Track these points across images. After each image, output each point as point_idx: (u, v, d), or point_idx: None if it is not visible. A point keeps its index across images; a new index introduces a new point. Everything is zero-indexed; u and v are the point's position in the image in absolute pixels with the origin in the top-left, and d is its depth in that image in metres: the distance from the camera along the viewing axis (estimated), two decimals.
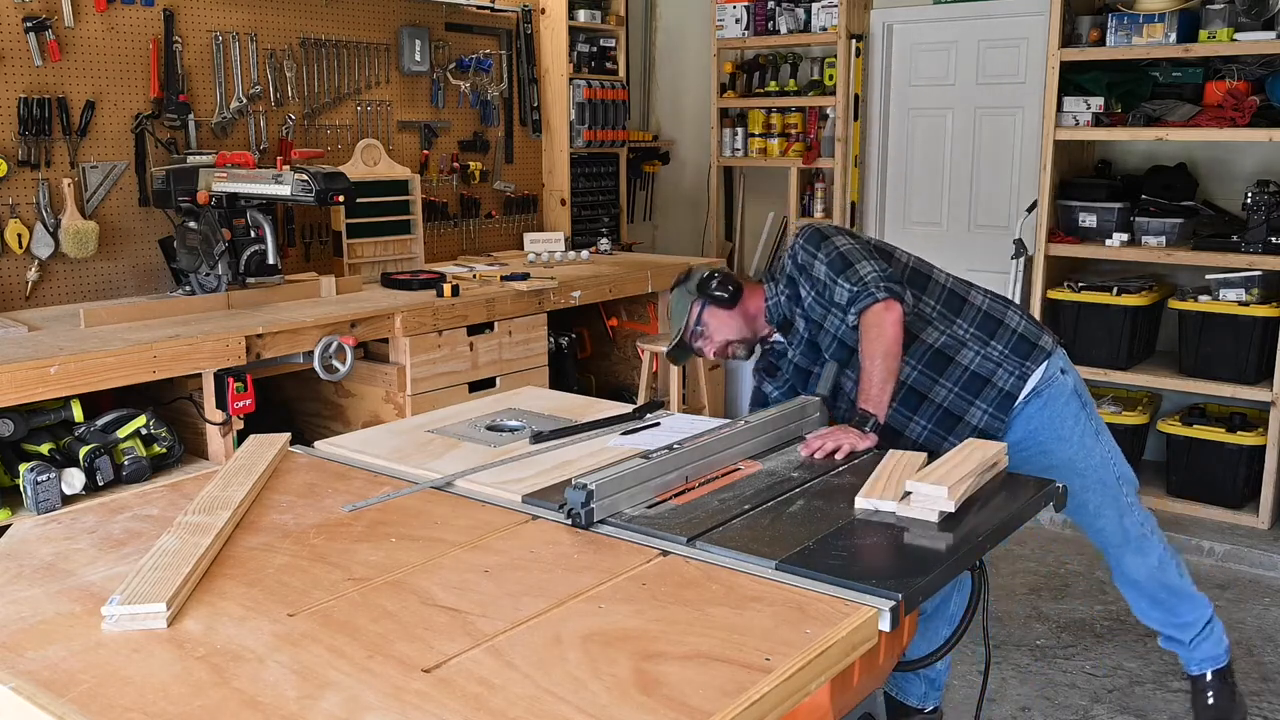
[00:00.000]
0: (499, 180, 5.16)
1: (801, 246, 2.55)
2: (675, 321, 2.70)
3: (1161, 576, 2.77)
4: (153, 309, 3.41)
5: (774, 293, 2.66)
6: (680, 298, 2.69)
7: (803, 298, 2.57)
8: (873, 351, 2.37)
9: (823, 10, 5.60)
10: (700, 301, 2.63)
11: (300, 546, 1.78)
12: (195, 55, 3.93)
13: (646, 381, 4.60)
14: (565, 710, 1.26)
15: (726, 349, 2.69)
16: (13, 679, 1.35)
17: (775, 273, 2.68)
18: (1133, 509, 2.71)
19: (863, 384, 2.38)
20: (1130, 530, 2.71)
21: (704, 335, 2.66)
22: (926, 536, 1.81)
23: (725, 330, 2.66)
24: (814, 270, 2.51)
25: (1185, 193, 4.65)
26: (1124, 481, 2.70)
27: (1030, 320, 2.65)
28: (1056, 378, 2.59)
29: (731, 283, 2.63)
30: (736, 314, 2.65)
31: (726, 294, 2.61)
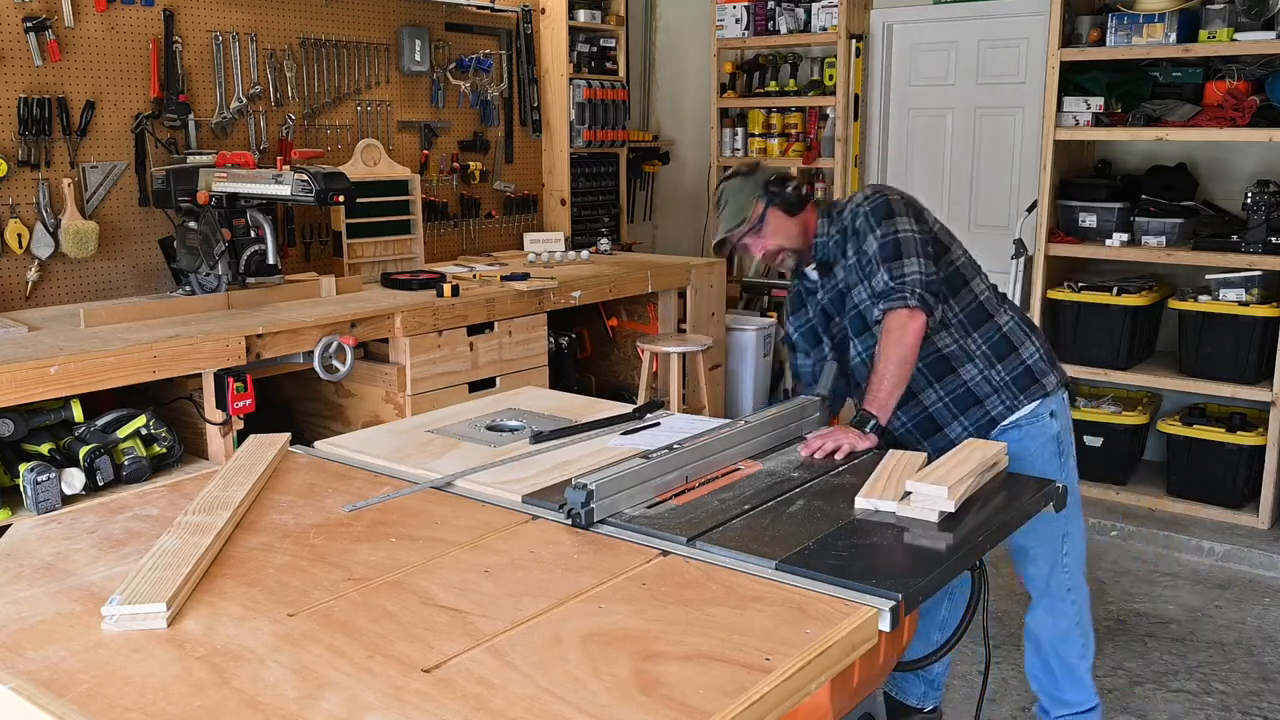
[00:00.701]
0: (499, 180, 5.16)
1: (866, 213, 2.47)
2: (728, 212, 2.57)
3: (1061, 646, 2.68)
4: (153, 309, 3.41)
5: (825, 231, 2.59)
6: (741, 189, 2.56)
7: (847, 255, 2.53)
8: (888, 355, 2.35)
9: (823, 10, 5.61)
10: (766, 199, 2.53)
11: (300, 546, 1.78)
12: (195, 55, 3.93)
13: (646, 381, 4.60)
14: (565, 710, 1.26)
15: (777, 255, 2.60)
16: (13, 679, 1.35)
17: (832, 211, 2.60)
18: (1066, 571, 2.63)
19: (872, 384, 2.37)
20: (1053, 587, 2.64)
21: (760, 234, 2.56)
22: (926, 536, 1.81)
23: (782, 236, 2.56)
24: (865, 242, 2.46)
25: (1185, 193, 4.65)
26: (1069, 541, 2.62)
27: (1045, 356, 2.59)
28: (1043, 419, 2.54)
29: (803, 189, 2.55)
30: (797, 223, 2.57)
31: (797, 199, 2.54)
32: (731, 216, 2.57)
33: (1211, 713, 3.13)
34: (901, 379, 2.36)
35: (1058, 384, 2.58)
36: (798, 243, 2.58)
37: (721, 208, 2.61)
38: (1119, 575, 4.12)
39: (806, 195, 2.56)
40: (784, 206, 2.53)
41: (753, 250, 2.61)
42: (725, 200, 2.60)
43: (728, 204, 2.59)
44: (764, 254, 2.59)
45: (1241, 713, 3.13)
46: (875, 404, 2.34)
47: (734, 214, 2.56)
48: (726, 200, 2.59)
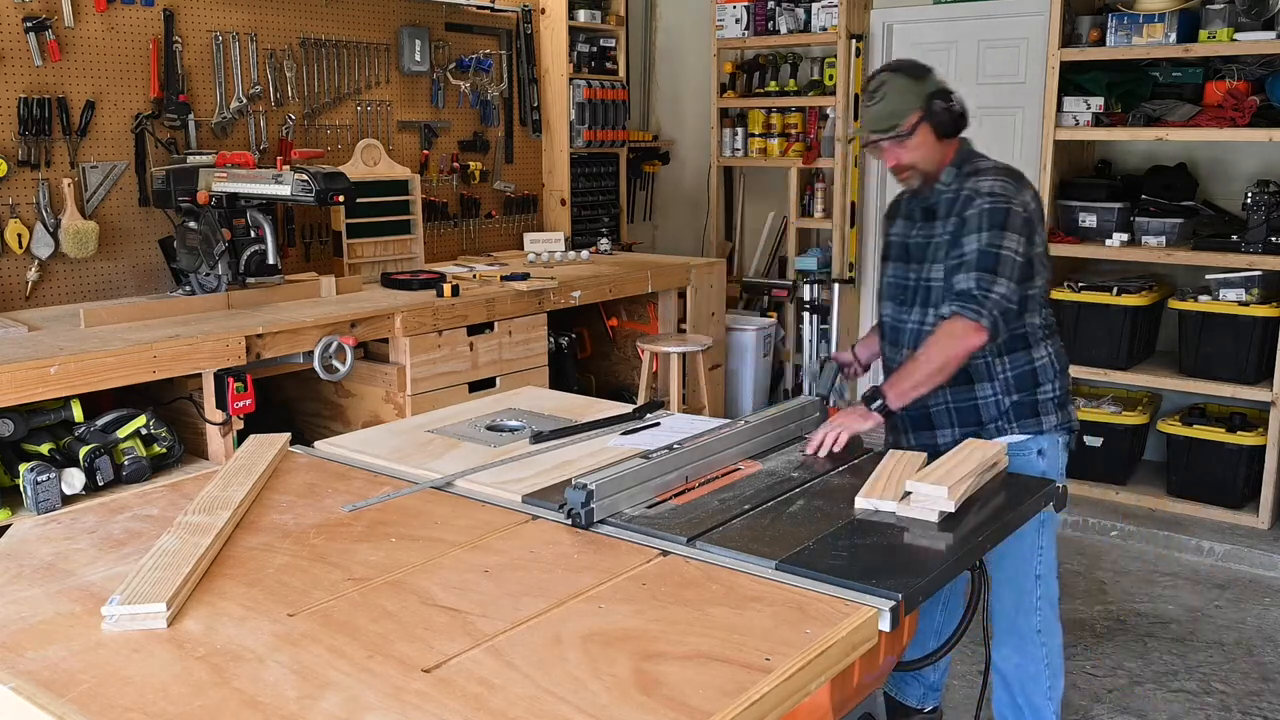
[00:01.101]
0: (499, 180, 5.16)
1: (985, 210, 2.37)
2: (880, 110, 2.43)
3: (1029, 685, 2.60)
4: (153, 309, 3.41)
5: (948, 180, 2.48)
6: (904, 92, 2.42)
7: (947, 222, 2.44)
8: (933, 356, 2.32)
9: (823, 10, 5.61)
10: (925, 112, 2.41)
11: (300, 546, 1.78)
12: (195, 55, 3.93)
13: (646, 381, 4.60)
14: (565, 710, 1.26)
15: (907, 170, 2.48)
16: (13, 679, 1.35)
17: (964, 164, 2.49)
18: (1037, 613, 2.56)
19: (902, 370, 2.34)
20: (1022, 626, 2.56)
21: (902, 144, 2.43)
22: (926, 536, 1.82)
23: (922, 155, 2.45)
24: (967, 236, 2.37)
25: (1185, 193, 4.65)
26: (1043, 584, 2.55)
27: (1057, 399, 2.53)
28: (1028, 454, 2.48)
29: (962, 113, 2.45)
30: (940, 148, 2.46)
31: (952, 124, 2.43)
32: (884, 118, 2.43)
33: (1211, 713, 3.13)
34: (932, 383, 2.33)
35: (1056, 426, 2.52)
36: (933, 167, 2.48)
37: (874, 100, 2.45)
38: (1119, 575, 4.12)
39: (962, 120, 2.45)
40: (937, 127, 2.42)
41: (886, 157, 2.49)
42: (882, 95, 2.44)
43: (883, 100, 2.43)
44: (895, 164, 2.48)
45: (1241, 713, 3.13)
46: (894, 390, 2.32)
47: (887, 116, 2.43)
48: (884, 96, 2.43)
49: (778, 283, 5.90)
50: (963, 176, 2.47)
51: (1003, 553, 2.45)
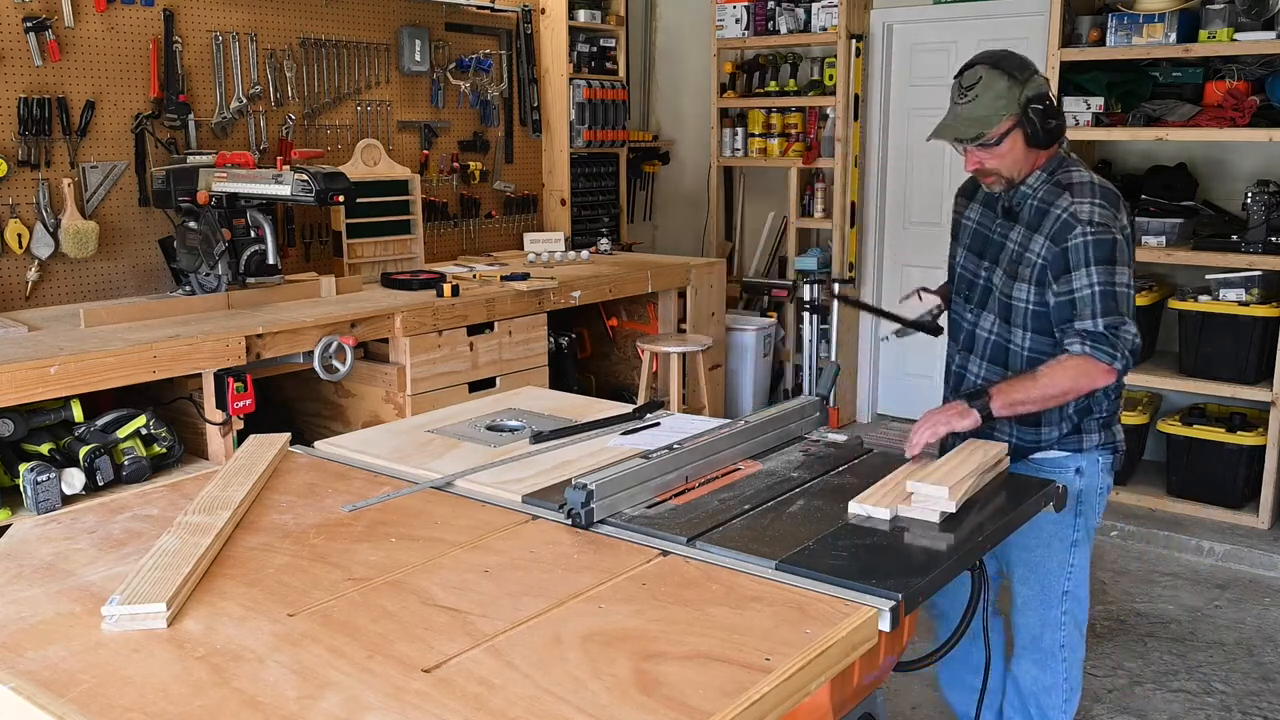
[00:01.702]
0: (499, 180, 5.16)
1: (1090, 240, 2.21)
2: (972, 111, 2.25)
3: (1045, 699, 2.51)
4: (153, 309, 3.41)
5: (1036, 183, 2.33)
6: (1000, 94, 2.23)
7: (1037, 234, 2.29)
8: (1056, 383, 2.20)
9: (823, 10, 5.61)
10: (1018, 120, 2.24)
11: (300, 546, 1.78)
12: (195, 55, 3.93)
13: (646, 381, 4.60)
14: (565, 710, 1.26)
15: (990, 175, 2.34)
16: (13, 679, 1.35)
17: (1058, 168, 2.33)
18: (1062, 629, 2.47)
19: (1019, 384, 2.22)
20: (1045, 642, 2.48)
21: (989, 149, 2.28)
22: (927, 536, 1.81)
23: (1009, 162, 2.30)
24: (1075, 269, 2.22)
25: (1185, 193, 4.65)
26: (1070, 600, 2.45)
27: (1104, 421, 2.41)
28: (1065, 471, 2.38)
29: (1060, 126, 2.29)
30: (1031, 156, 2.30)
31: (1047, 135, 2.27)
32: (972, 121, 2.26)
33: (1211, 713, 3.13)
34: (1045, 406, 2.25)
35: (1099, 445, 2.41)
36: (1019, 174, 2.33)
37: (965, 97, 2.28)
38: (1119, 575, 4.12)
39: (1059, 130, 2.29)
40: (1030, 136, 2.26)
41: (969, 159, 2.33)
42: (976, 94, 2.26)
43: (976, 99, 2.25)
44: (977, 167, 2.34)
45: (1241, 713, 3.13)
46: (1002, 399, 2.20)
47: (977, 120, 2.25)
48: (977, 95, 2.25)
49: (778, 283, 5.90)
50: (1055, 188, 2.31)
51: (1031, 567, 2.43)
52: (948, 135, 2.31)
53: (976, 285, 2.48)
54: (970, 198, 2.57)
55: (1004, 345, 2.42)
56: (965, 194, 2.60)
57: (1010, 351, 2.41)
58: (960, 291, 2.54)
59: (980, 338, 2.47)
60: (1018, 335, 2.39)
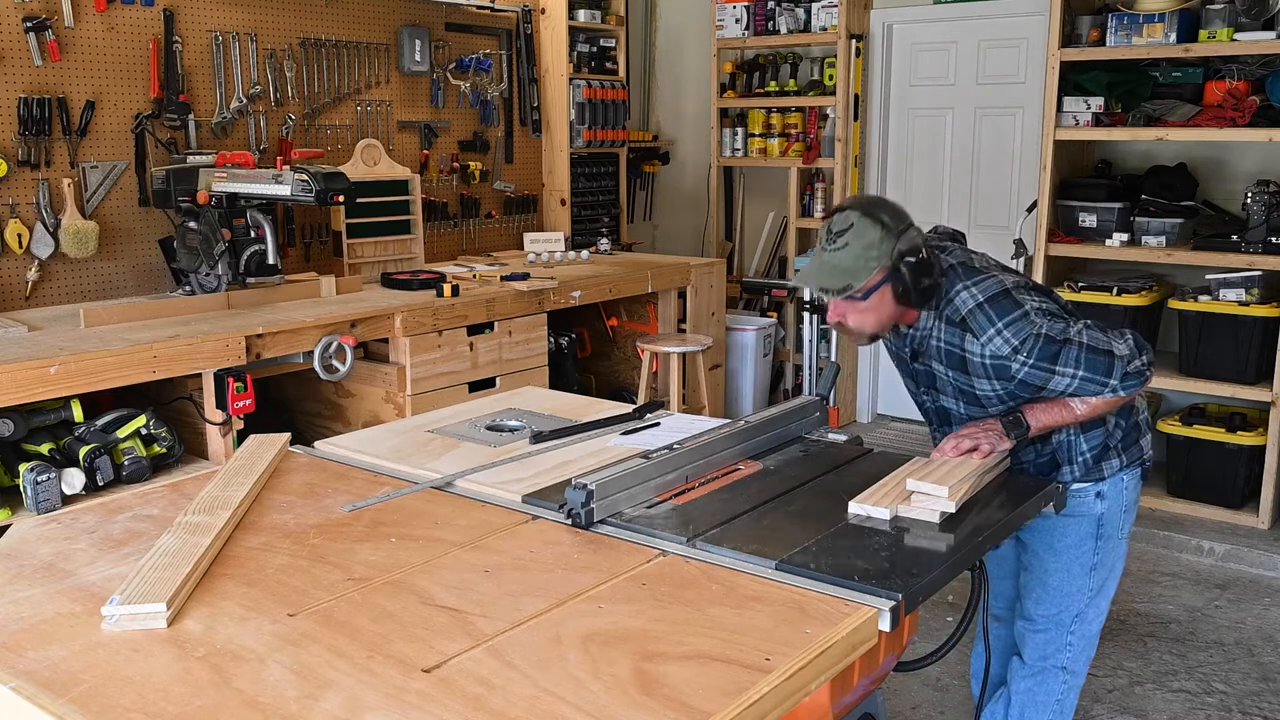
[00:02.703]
0: (499, 180, 5.16)
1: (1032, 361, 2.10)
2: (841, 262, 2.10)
3: (1029, 713, 2.47)
4: (153, 309, 3.41)
5: (925, 324, 2.22)
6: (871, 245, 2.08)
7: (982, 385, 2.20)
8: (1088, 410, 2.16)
9: (823, 10, 5.60)
10: (886, 273, 2.10)
11: (300, 546, 1.78)
12: (195, 55, 3.93)
13: (646, 381, 4.60)
14: (565, 710, 1.26)
15: (854, 333, 2.23)
16: (13, 679, 1.35)
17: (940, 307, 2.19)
18: (1069, 650, 2.42)
19: (1050, 410, 2.17)
20: (1049, 660, 2.43)
21: (855, 303, 2.15)
22: (926, 537, 1.81)
23: (874, 318, 2.18)
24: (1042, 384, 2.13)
25: (1185, 193, 4.65)
26: (1081, 623, 2.40)
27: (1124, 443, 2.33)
28: (1085, 497, 2.31)
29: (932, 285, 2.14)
30: (900, 311, 2.18)
31: (919, 293, 2.13)
32: (842, 273, 2.11)
33: (1211, 713, 3.13)
34: (1069, 424, 2.21)
35: (1121, 468, 2.32)
36: (885, 328, 2.22)
37: (835, 244, 2.11)
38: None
39: (931, 292, 2.14)
40: (900, 293, 2.12)
41: (832, 312, 2.21)
42: (846, 242, 2.10)
43: (845, 248, 2.10)
44: (839, 322, 2.21)
45: (1241, 713, 3.13)
46: (1039, 421, 2.16)
47: (845, 271, 2.11)
48: (847, 243, 2.10)
49: (778, 283, 5.90)
50: (950, 326, 2.18)
51: (1048, 589, 2.39)
52: (812, 285, 2.17)
53: (925, 407, 2.41)
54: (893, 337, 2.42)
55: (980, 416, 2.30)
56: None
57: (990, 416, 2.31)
58: (908, 375, 2.41)
59: (950, 412, 2.36)
60: (994, 407, 2.27)
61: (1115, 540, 2.38)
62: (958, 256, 2.25)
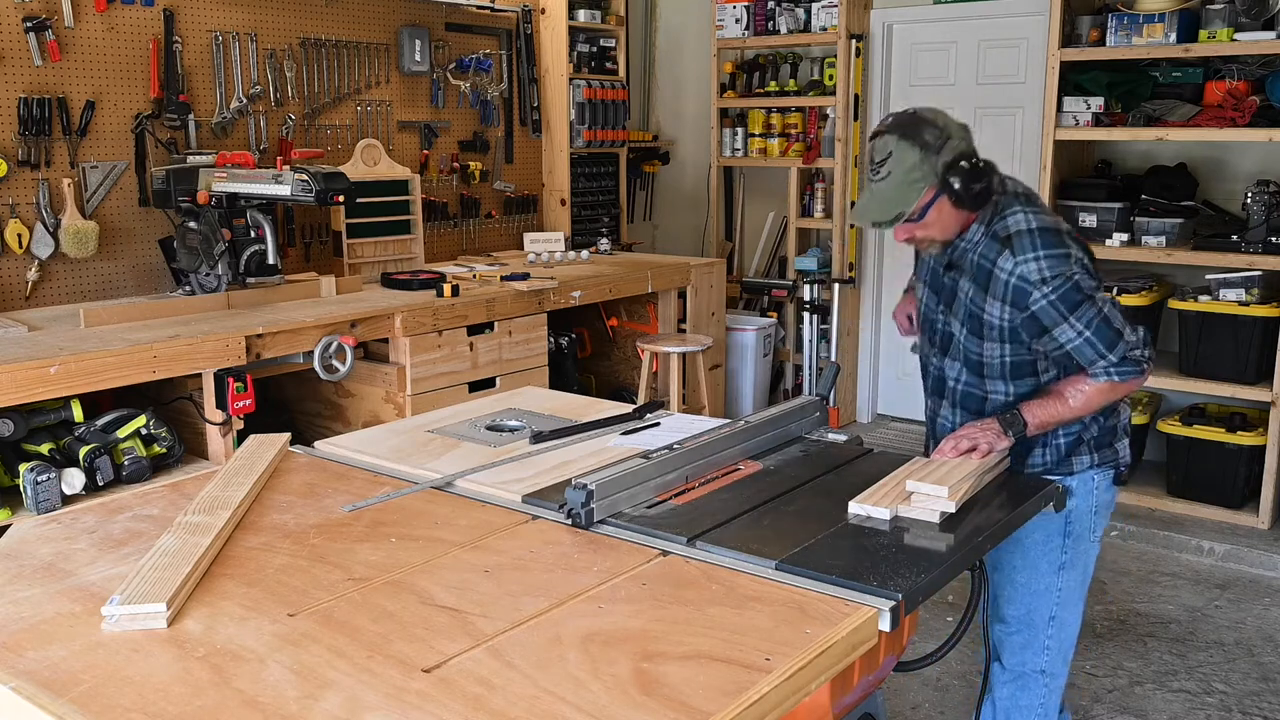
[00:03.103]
0: (499, 180, 5.16)
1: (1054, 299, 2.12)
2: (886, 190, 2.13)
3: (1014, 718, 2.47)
4: (153, 309, 3.41)
5: (973, 237, 2.22)
6: (913, 167, 2.10)
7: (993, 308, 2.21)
8: (1090, 404, 2.18)
9: (823, 10, 5.61)
10: (939, 189, 2.12)
11: (300, 546, 1.78)
12: (195, 55, 3.93)
13: (646, 381, 4.60)
14: (565, 710, 1.26)
15: (926, 242, 2.24)
16: (13, 679, 1.35)
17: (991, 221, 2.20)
18: (1046, 653, 2.40)
19: (1046, 405, 2.18)
20: (1027, 665, 2.42)
21: (920, 226, 2.17)
22: (927, 537, 1.81)
23: (940, 227, 2.18)
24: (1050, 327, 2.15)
25: (1185, 193, 4.65)
26: (1056, 625, 2.38)
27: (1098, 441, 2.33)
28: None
29: (987, 184, 2.14)
30: (962, 216, 2.18)
31: (973, 197, 2.13)
32: (889, 203, 2.13)
33: (1211, 713, 3.13)
34: (1071, 420, 2.22)
35: (1091, 465, 2.33)
36: (953, 234, 2.22)
37: (878, 174, 2.14)
38: (1119, 575, 4.12)
39: (987, 193, 2.15)
40: (956, 199, 2.13)
41: (898, 234, 2.21)
42: (887, 171, 2.12)
43: (889, 176, 2.12)
44: (908, 238, 2.22)
45: (1241, 713, 3.13)
46: (1036, 418, 2.17)
47: (891, 201, 2.13)
48: (889, 171, 2.12)
49: (778, 283, 5.90)
50: (992, 242, 2.20)
51: (1017, 588, 2.38)
52: (866, 220, 2.20)
53: (937, 329, 2.38)
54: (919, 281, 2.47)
55: (979, 396, 2.33)
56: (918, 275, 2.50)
57: (988, 400, 2.32)
58: (925, 330, 2.43)
59: (950, 386, 2.37)
60: (995, 385, 2.30)
61: (1086, 542, 2.36)
62: (1022, 187, 2.29)
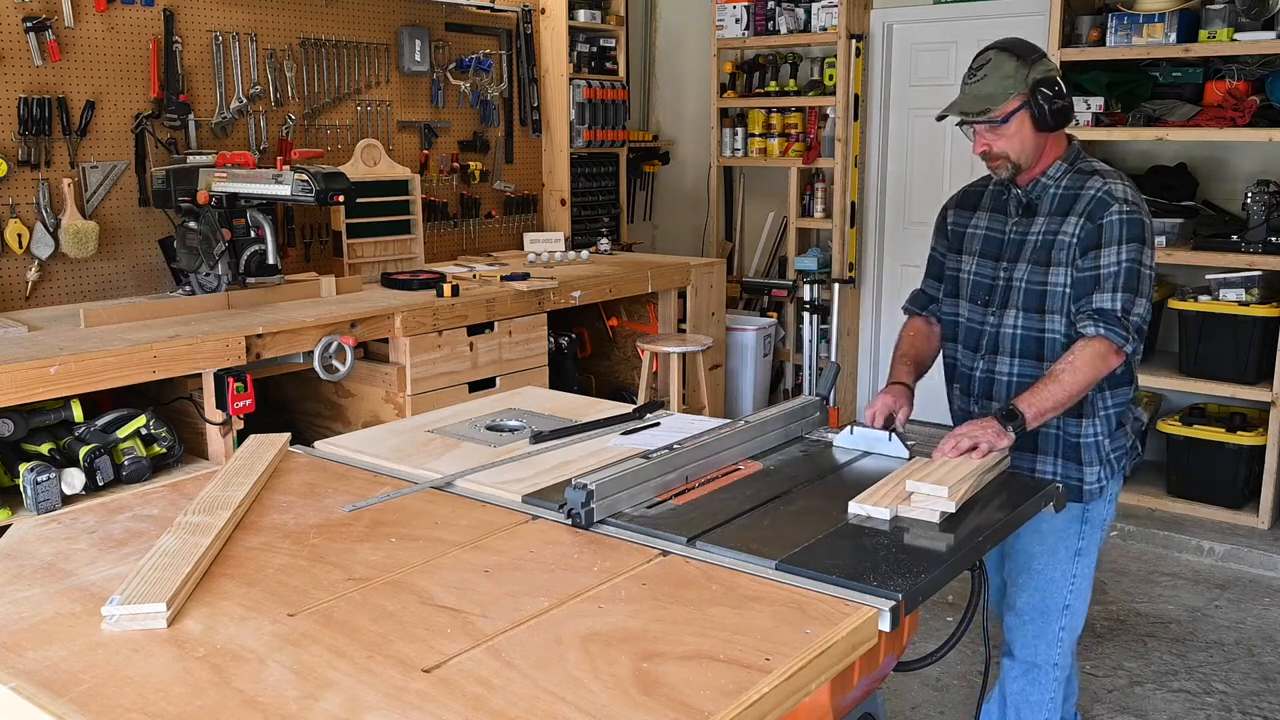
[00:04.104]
0: (499, 180, 5.16)
1: (1123, 218, 2.23)
2: (980, 89, 2.27)
3: (1025, 713, 2.48)
4: (153, 309, 3.41)
5: (1058, 175, 2.35)
6: (1009, 74, 2.25)
7: (1069, 225, 2.29)
8: (1078, 379, 2.20)
9: (823, 10, 5.61)
10: (1027, 99, 2.26)
11: (300, 546, 1.78)
12: (195, 55, 3.93)
13: (646, 381, 4.60)
14: (565, 710, 1.26)
15: (998, 158, 2.32)
16: (13, 679, 1.35)
17: (1078, 159, 2.36)
18: (1059, 645, 2.44)
19: (1041, 388, 2.20)
20: (1040, 656, 2.44)
21: (997, 130, 2.28)
22: (926, 536, 1.81)
23: (1017, 145, 2.29)
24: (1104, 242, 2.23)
25: (1185, 193, 4.65)
26: (1069, 615, 2.42)
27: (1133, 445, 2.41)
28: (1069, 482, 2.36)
29: (1069, 109, 2.29)
30: (1038, 140, 2.30)
31: (1055, 117, 2.27)
32: (980, 99, 2.27)
33: (1211, 713, 3.13)
34: (1071, 402, 2.23)
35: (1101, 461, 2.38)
36: (1027, 159, 2.31)
37: (974, 78, 2.30)
38: (1119, 575, 4.12)
39: (1065, 114, 2.29)
40: (1037, 118, 2.26)
41: (978, 142, 2.33)
42: (985, 74, 2.28)
43: (985, 79, 2.28)
44: (985, 150, 2.32)
45: (1241, 713, 3.13)
46: (1032, 409, 2.18)
47: (984, 98, 2.26)
48: (986, 75, 2.28)
49: (778, 283, 5.91)
50: (1080, 174, 2.33)
51: (1033, 575, 2.40)
52: (955, 111, 2.31)
53: (995, 288, 2.42)
54: (973, 208, 2.53)
55: (1037, 337, 2.35)
56: (966, 205, 2.55)
57: (1045, 341, 2.34)
58: (976, 298, 2.46)
59: (1007, 336, 2.39)
60: (1054, 322, 2.32)
61: (1096, 528, 2.40)
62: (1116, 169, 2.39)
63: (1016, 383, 2.36)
